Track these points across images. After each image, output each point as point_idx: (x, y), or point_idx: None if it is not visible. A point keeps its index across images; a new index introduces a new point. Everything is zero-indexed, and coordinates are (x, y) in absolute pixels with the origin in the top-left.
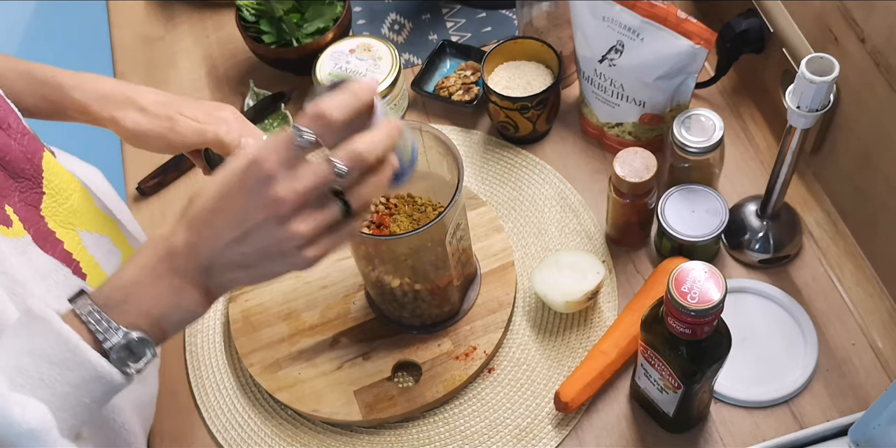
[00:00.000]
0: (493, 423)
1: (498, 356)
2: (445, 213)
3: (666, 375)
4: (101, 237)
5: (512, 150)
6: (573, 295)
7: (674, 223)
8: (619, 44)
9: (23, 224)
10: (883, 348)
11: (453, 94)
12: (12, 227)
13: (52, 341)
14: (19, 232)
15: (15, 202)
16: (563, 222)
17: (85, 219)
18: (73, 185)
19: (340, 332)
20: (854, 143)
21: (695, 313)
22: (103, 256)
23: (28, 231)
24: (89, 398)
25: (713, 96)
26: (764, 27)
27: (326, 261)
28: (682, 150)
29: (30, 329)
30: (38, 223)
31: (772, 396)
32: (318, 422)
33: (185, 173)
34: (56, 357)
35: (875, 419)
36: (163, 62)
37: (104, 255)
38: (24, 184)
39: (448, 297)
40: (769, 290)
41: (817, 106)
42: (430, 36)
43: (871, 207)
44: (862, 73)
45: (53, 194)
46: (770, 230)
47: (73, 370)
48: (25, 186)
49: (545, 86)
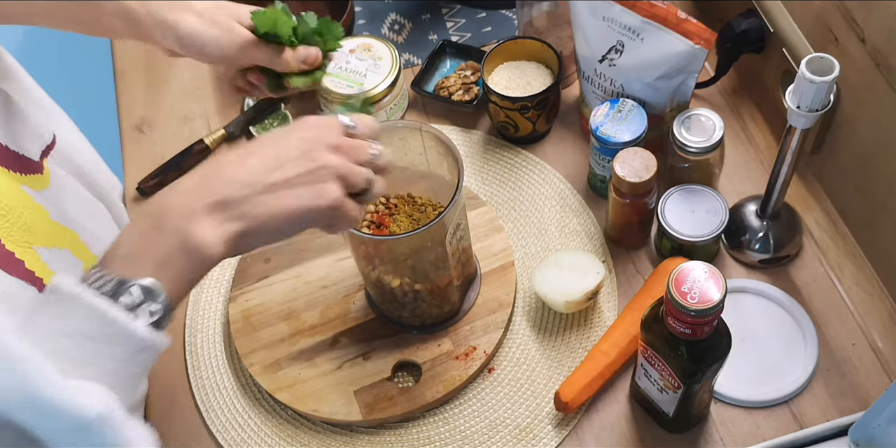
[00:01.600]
0: (493, 423)
1: (498, 356)
2: (445, 213)
3: (666, 375)
4: (59, 251)
5: (512, 150)
6: (573, 295)
7: (674, 223)
8: (619, 44)
9: None
10: (883, 348)
11: (453, 94)
12: None
13: (88, 318)
14: None
15: None
16: (563, 222)
17: (40, 235)
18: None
19: (340, 332)
20: (854, 143)
21: (695, 313)
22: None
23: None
24: (139, 368)
25: (713, 96)
26: (764, 27)
27: (326, 261)
28: (682, 150)
29: (60, 307)
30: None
31: (772, 396)
32: (318, 422)
33: (185, 173)
34: (97, 334)
35: (875, 419)
36: (163, 62)
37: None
38: None
39: (448, 297)
40: (769, 290)
41: (817, 106)
42: (430, 36)
43: (871, 207)
44: (862, 73)
45: (5, 214)
46: (770, 230)
47: (118, 345)
48: None
49: (545, 86)
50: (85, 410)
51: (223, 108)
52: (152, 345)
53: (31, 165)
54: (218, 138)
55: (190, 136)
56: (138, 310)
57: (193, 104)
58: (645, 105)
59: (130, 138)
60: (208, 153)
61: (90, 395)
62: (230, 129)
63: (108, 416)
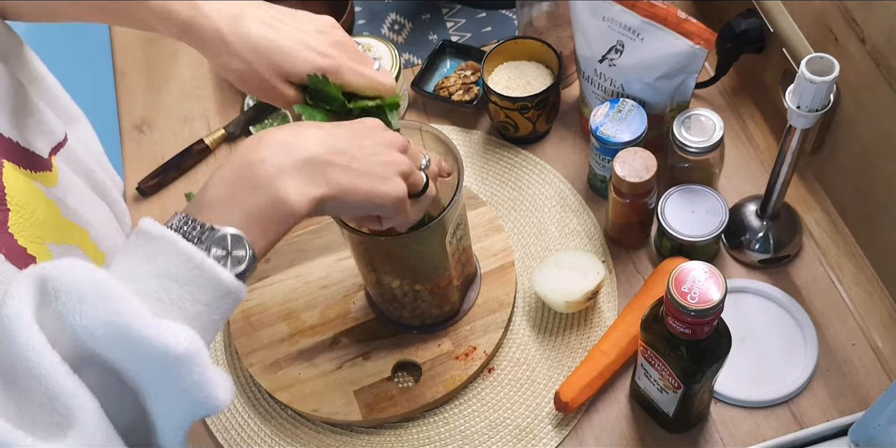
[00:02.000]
0: (493, 423)
1: (498, 356)
2: (445, 213)
3: (666, 375)
4: (69, 247)
5: (512, 150)
6: (573, 295)
7: (674, 223)
8: (619, 44)
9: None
10: (883, 348)
11: (453, 94)
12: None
13: (176, 260)
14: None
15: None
16: (563, 222)
17: (52, 231)
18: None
19: (340, 332)
20: (854, 143)
21: (695, 313)
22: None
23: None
24: (219, 315)
25: (713, 96)
26: (764, 27)
27: (326, 261)
28: (682, 150)
29: (147, 249)
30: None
31: (772, 396)
32: (318, 422)
33: (185, 173)
34: (184, 276)
35: (875, 419)
36: (163, 61)
37: None
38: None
39: (448, 297)
40: (769, 290)
41: (817, 106)
42: (430, 36)
43: (871, 207)
44: (862, 73)
45: (18, 210)
46: (770, 230)
47: (203, 288)
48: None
49: (545, 86)
50: (174, 347)
51: (223, 108)
52: (235, 292)
53: (41, 162)
54: (218, 138)
55: (190, 136)
56: (227, 258)
57: (193, 104)
58: (645, 105)
59: (130, 138)
60: (208, 153)
61: (179, 333)
62: (230, 129)
63: (196, 355)
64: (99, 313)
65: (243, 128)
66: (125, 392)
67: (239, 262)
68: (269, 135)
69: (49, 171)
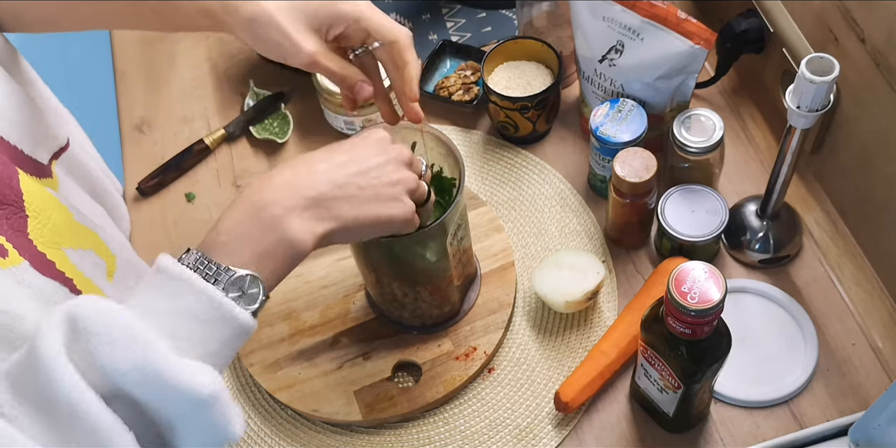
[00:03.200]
0: (493, 423)
1: (498, 356)
2: (447, 215)
3: (666, 375)
4: (84, 252)
5: (512, 150)
6: (573, 295)
7: (674, 223)
8: (619, 44)
9: (18, 251)
10: (883, 348)
11: (453, 94)
12: (8, 256)
13: (196, 300)
14: (16, 260)
15: (5, 230)
16: (563, 222)
17: (67, 236)
18: (53, 204)
19: (340, 332)
20: (854, 143)
21: (695, 313)
22: (91, 270)
23: (24, 257)
24: (233, 351)
25: (713, 96)
26: (764, 27)
27: (326, 261)
28: (682, 150)
29: (168, 289)
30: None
31: (772, 396)
32: (318, 422)
33: (185, 173)
34: (204, 315)
35: (875, 419)
36: (163, 62)
37: (91, 268)
38: (9, 210)
39: (448, 297)
40: (769, 290)
41: (817, 106)
42: (430, 36)
43: (871, 207)
44: (862, 73)
45: (36, 215)
46: (770, 230)
47: (222, 327)
48: (10, 212)
49: (545, 86)
50: (200, 390)
51: (223, 108)
52: (249, 330)
53: (43, 169)
54: (218, 138)
55: (190, 136)
56: (241, 298)
57: (193, 104)
58: (645, 105)
59: (130, 138)
60: (208, 153)
61: (204, 377)
62: (230, 129)
63: (219, 395)
64: (128, 356)
65: (243, 128)
66: (149, 424)
67: (253, 300)
68: (277, 176)
69: (50, 178)
